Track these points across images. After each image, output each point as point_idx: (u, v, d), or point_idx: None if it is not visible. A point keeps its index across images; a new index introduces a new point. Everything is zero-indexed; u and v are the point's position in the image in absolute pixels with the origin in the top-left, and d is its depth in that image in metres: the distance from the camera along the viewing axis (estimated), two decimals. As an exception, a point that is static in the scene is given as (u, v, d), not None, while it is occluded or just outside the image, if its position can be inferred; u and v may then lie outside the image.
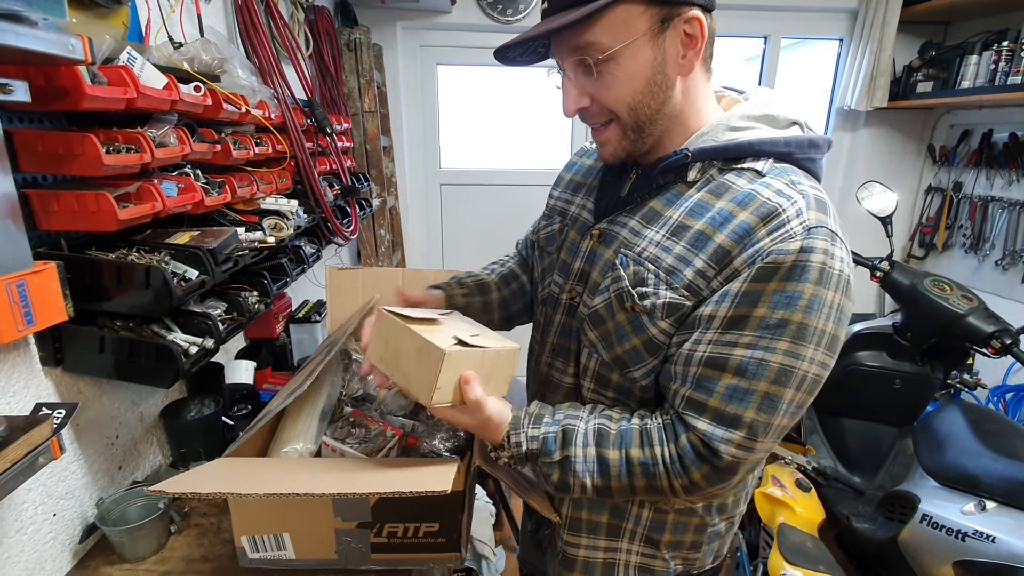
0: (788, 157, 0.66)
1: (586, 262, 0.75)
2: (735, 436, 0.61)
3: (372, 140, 2.22)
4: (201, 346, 0.86)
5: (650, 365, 0.68)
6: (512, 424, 0.69)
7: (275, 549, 0.79)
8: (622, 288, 0.68)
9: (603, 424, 0.68)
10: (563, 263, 0.80)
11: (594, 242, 0.74)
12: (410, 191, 2.77)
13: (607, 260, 0.71)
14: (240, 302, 1.00)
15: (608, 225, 0.73)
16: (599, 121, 0.69)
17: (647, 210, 0.69)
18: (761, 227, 0.60)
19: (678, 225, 0.66)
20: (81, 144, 0.75)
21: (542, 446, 0.67)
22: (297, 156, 1.38)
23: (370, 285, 1.17)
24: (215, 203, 0.99)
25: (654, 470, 0.65)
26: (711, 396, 0.62)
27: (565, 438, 0.67)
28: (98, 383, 0.89)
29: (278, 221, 1.15)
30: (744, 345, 0.60)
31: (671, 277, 0.64)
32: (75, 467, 0.84)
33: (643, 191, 0.71)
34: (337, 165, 1.70)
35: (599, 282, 0.71)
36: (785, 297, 0.59)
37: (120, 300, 0.79)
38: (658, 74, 0.64)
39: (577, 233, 0.79)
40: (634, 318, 0.67)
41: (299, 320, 1.47)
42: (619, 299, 0.68)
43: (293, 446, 0.83)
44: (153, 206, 0.83)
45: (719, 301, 0.62)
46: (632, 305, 0.66)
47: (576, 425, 0.68)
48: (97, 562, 0.84)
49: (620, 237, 0.70)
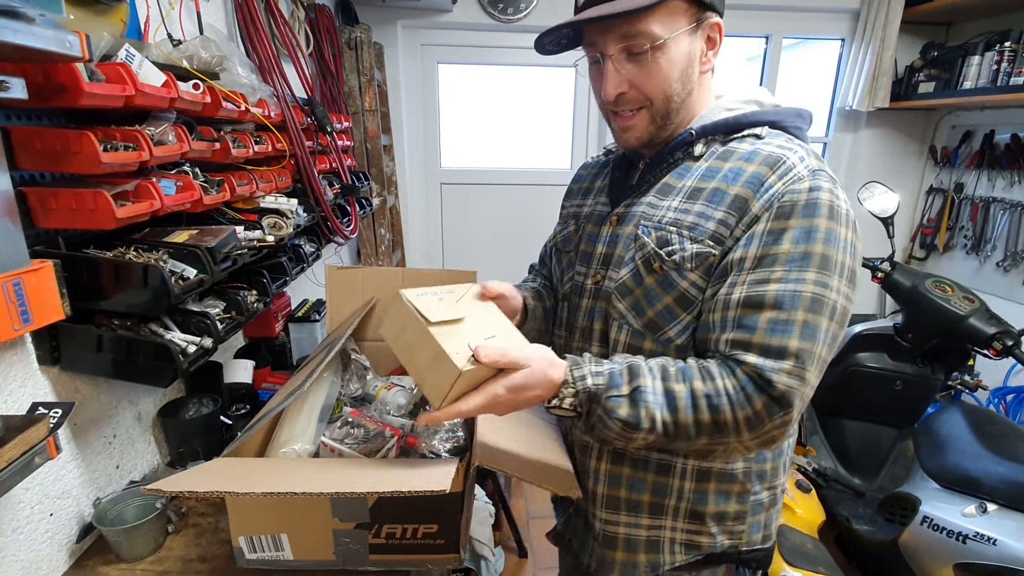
0: (779, 124, 0.75)
1: (608, 245, 0.80)
2: (785, 365, 0.63)
3: (372, 139, 2.21)
4: (199, 345, 0.85)
5: (684, 321, 0.72)
6: (572, 361, 0.69)
7: (273, 550, 0.79)
8: (648, 252, 0.73)
9: (664, 362, 0.69)
10: (584, 254, 0.85)
11: (613, 226, 0.80)
12: (410, 190, 2.76)
13: (628, 235, 0.76)
14: (239, 301, 1.00)
15: (625, 208, 0.79)
16: (632, 107, 0.74)
17: (661, 186, 0.77)
18: (771, 174, 0.68)
19: (693, 189, 0.73)
20: (79, 142, 0.75)
21: (608, 380, 0.67)
22: (297, 154, 1.37)
23: (370, 284, 1.17)
24: (214, 202, 0.98)
25: (717, 402, 0.65)
26: (754, 333, 0.65)
27: (632, 371, 0.68)
28: (96, 382, 0.88)
29: (277, 220, 1.15)
30: (776, 280, 0.65)
31: (694, 232, 0.70)
32: (72, 466, 0.84)
33: (654, 173, 0.78)
34: (337, 164, 1.70)
35: (623, 256, 0.77)
36: (804, 232, 0.65)
37: (118, 299, 0.79)
38: (690, 67, 0.73)
39: (595, 224, 0.84)
40: (663, 277, 0.72)
41: (298, 319, 1.46)
42: (646, 263, 0.73)
43: (291, 446, 0.83)
44: (151, 204, 0.82)
45: (746, 244, 0.67)
46: (660, 264, 0.71)
47: (638, 361, 0.69)
48: (94, 562, 0.84)
49: (638, 213, 0.76)
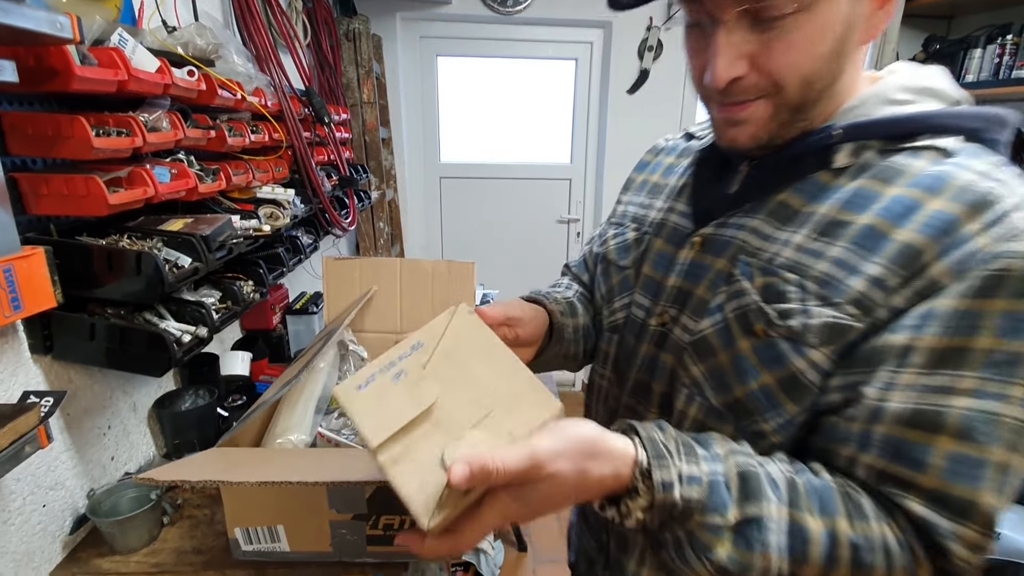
0: (977, 135, 0.49)
1: (685, 277, 0.58)
2: (969, 530, 0.41)
3: (371, 131, 2.20)
4: (194, 335, 0.84)
5: (788, 415, 0.49)
6: (652, 450, 0.44)
7: (269, 541, 0.78)
8: (747, 305, 0.50)
9: (785, 469, 0.46)
10: (647, 280, 0.63)
11: (695, 252, 0.58)
12: (409, 184, 2.75)
13: (718, 272, 0.54)
14: (235, 291, 0.99)
15: (716, 230, 0.56)
16: (749, 96, 0.50)
17: (775, 206, 0.53)
18: (971, 219, 0.43)
19: (830, 222, 0.49)
20: (71, 126, 0.73)
21: (707, 495, 0.43)
22: (294, 145, 1.36)
23: (368, 275, 1.16)
24: (209, 190, 0.97)
25: (870, 559, 0.43)
26: (924, 470, 0.43)
27: (745, 484, 0.44)
28: (89, 372, 0.87)
29: (274, 210, 1.13)
30: (966, 392, 0.42)
31: (826, 289, 0.46)
32: (65, 457, 0.83)
33: (764, 185, 0.54)
34: (335, 156, 1.68)
35: (707, 300, 0.54)
36: (1018, 322, 0.42)
37: (111, 287, 0.78)
38: (847, 36, 0.48)
39: (667, 242, 0.62)
40: (766, 346, 0.49)
41: (296, 311, 1.45)
42: (742, 320, 0.50)
43: (288, 437, 0.82)
44: (145, 191, 0.81)
45: (918, 325, 0.44)
46: (765, 327, 0.49)
47: (753, 464, 0.45)
48: (88, 554, 0.83)
49: (736, 242, 0.54)
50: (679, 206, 0.64)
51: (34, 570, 0.77)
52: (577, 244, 3.00)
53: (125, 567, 0.81)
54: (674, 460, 0.43)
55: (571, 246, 3.01)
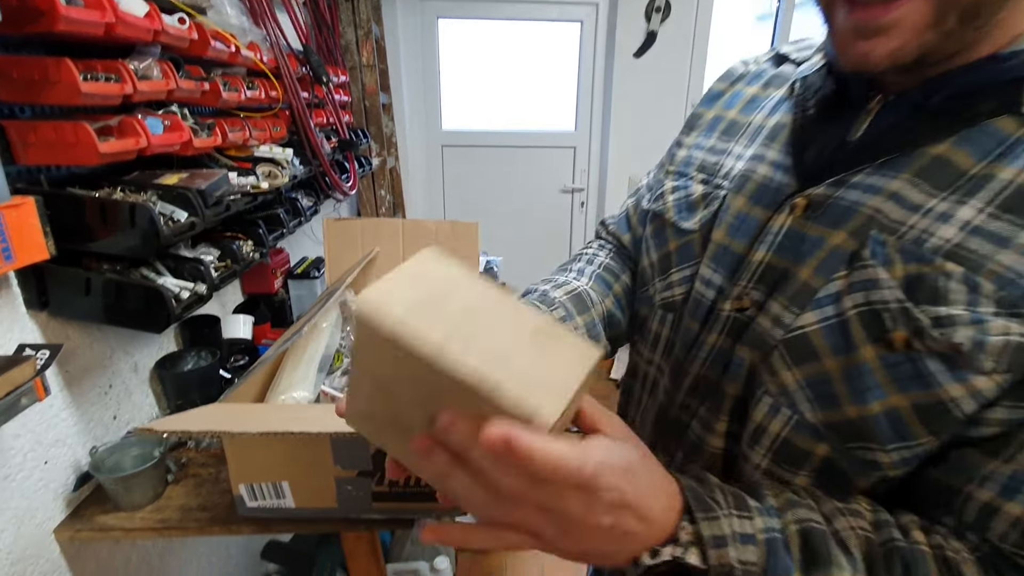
0: None
1: (780, 252, 0.45)
2: None
3: (371, 96, 2.14)
4: (193, 291, 0.82)
5: (919, 448, 0.37)
6: (694, 497, 0.35)
7: (274, 497, 0.77)
8: (881, 302, 0.37)
9: (860, 526, 0.37)
10: (721, 250, 0.49)
11: (797, 217, 0.44)
12: (411, 152, 2.70)
13: (836, 249, 0.41)
14: (234, 250, 0.96)
15: (833, 191, 0.42)
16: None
17: (927, 163, 0.38)
18: None
19: (1018, 192, 0.35)
20: (57, 69, 0.70)
21: (764, 557, 0.34)
22: (292, 104, 1.32)
23: (369, 236, 1.14)
24: (204, 145, 0.94)
25: None
26: None
27: (808, 545, 0.35)
28: (88, 330, 0.85)
29: (272, 169, 1.10)
30: None
31: (1012, 291, 0.34)
32: (66, 415, 0.82)
33: (908, 130, 0.40)
34: (334, 118, 1.64)
35: (813, 286, 0.41)
36: None
37: (105, 241, 0.75)
38: None
39: (754, 202, 0.48)
40: (906, 361, 0.36)
41: (298, 276, 1.43)
42: (870, 322, 0.38)
43: (291, 394, 0.81)
44: (137, 142, 0.78)
45: None
46: (908, 337, 0.36)
47: (815, 521, 0.36)
48: (92, 511, 0.82)
49: (865, 211, 0.40)
50: (771, 154, 0.48)
51: (37, 526, 0.77)
52: (581, 214, 2.96)
53: (130, 523, 0.81)
54: (725, 515, 0.35)
55: (575, 216, 2.97)
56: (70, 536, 0.79)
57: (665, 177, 0.59)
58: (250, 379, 0.77)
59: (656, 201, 0.59)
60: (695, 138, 0.59)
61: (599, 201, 2.92)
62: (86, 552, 0.86)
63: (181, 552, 1.12)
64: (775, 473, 0.44)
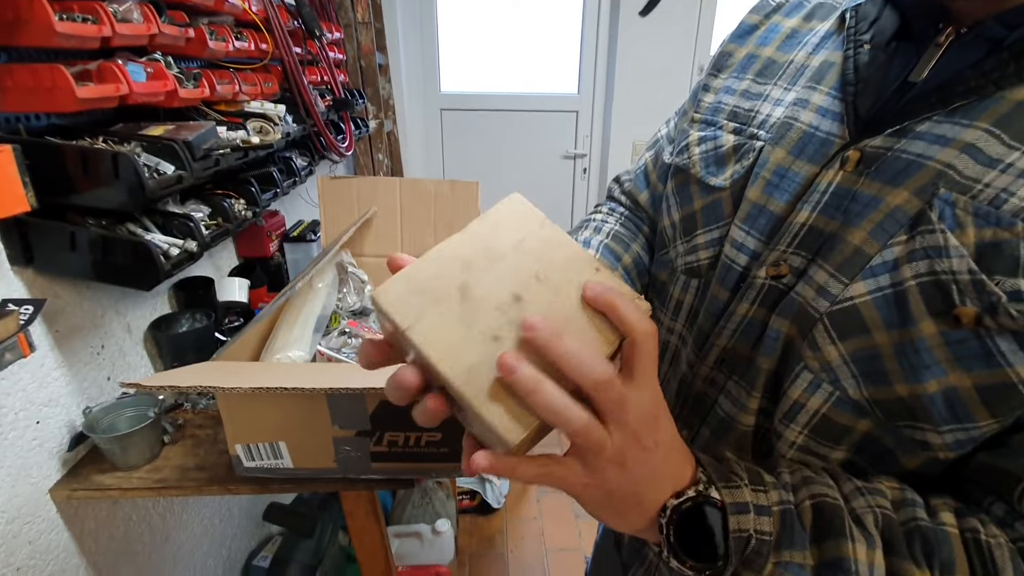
0: None
1: (827, 213, 0.40)
2: None
3: (367, 55, 2.07)
4: (183, 248, 0.80)
5: (978, 431, 0.34)
6: (715, 471, 0.35)
7: (272, 458, 0.76)
8: (949, 272, 0.33)
9: (880, 504, 0.34)
10: (756, 210, 0.44)
11: (848, 173, 0.39)
12: (408, 116, 2.63)
13: (895, 210, 0.36)
14: (225, 208, 0.93)
15: (893, 141, 0.37)
16: None
17: (1010, 110, 0.33)
18: None
19: None
20: (30, 7, 0.65)
21: (778, 528, 0.33)
22: (283, 59, 1.26)
23: (366, 195, 1.10)
24: (191, 96, 0.89)
25: None
26: None
27: (822, 518, 0.34)
28: (77, 288, 0.83)
29: (264, 124, 1.06)
30: None
31: None
32: (58, 374, 0.80)
33: (986, 71, 0.34)
34: (329, 77, 1.58)
35: (867, 252, 0.37)
36: None
37: (89, 193, 0.72)
38: None
39: (796, 155, 0.42)
40: (972, 338, 0.33)
41: (294, 239, 1.40)
42: (931, 292, 0.34)
43: (286, 353, 0.79)
44: (117, 88, 0.74)
45: None
46: (979, 312, 0.32)
47: (830, 496, 0.35)
48: (89, 470, 0.82)
49: (932, 165, 0.35)
50: (817, 98, 0.42)
51: (32, 485, 0.76)
52: (583, 181, 2.91)
53: (127, 483, 0.80)
54: (744, 482, 0.34)
55: (577, 184, 2.91)
56: (67, 495, 0.79)
57: (690, 126, 0.52)
58: (244, 338, 0.75)
59: (680, 154, 0.52)
60: (724, 80, 0.51)
61: (601, 168, 2.86)
62: (84, 511, 0.85)
63: (182, 513, 1.12)
64: (811, 448, 0.42)
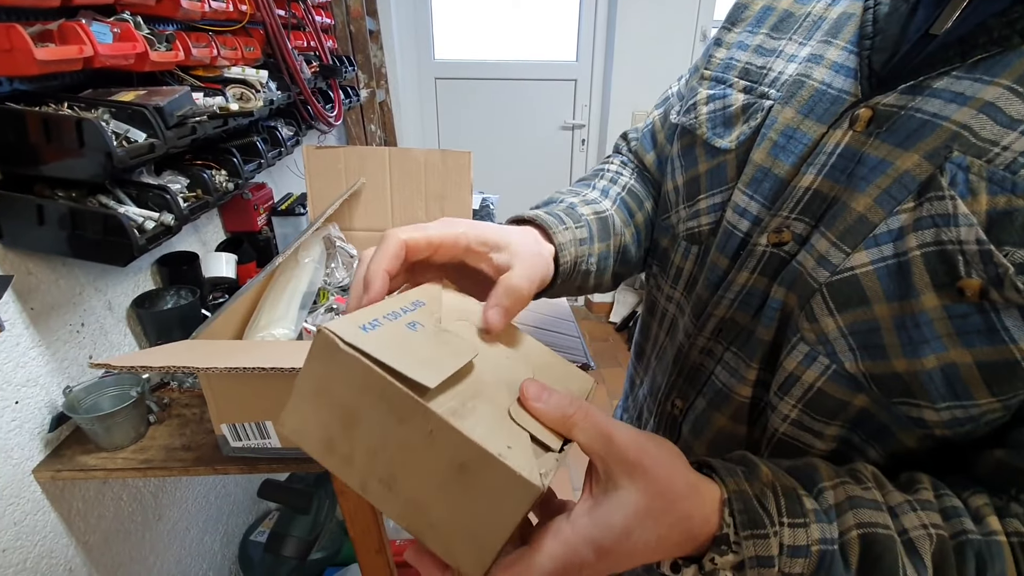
0: None
1: (832, 176, 0.37)
2: None
3: (356, 20, 1.99)
4: (159, 221, 0.76)
5: (977, 409, 0.32)
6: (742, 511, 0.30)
7: (258, 437, 0.74)
8: (956, 242, 0.30)
9: (933, 523, 0.31)
10: (761, 173, 0.41)
11: (857, 133, 0.36)
12: (402, 85, 2.55)
13: (904, 174, 0.33)
14: (205, 179, 0.89)
15: (907, 99, 0.34)
16: None
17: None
18: None
19: None
20: (-25, -40, 0.61)
21: (814, 568, 0.30)
22: (265, 21, 1.20)
23: (354, 166, 1.06)
24: (164, 60, 0.84)
25: None
26: None
27: (871, 554, 0.30)
28: (51, 265, 0.80)
29: (244, 91, 1.01)
30: None
31: None
32: (35, 353, 0.78)
33: (1013, 21, 0.31)
34: (316, 42, 1.51)
35: (870, 219, 0.34)
36: None
37: (55, 164, 0.68)
38: None
39: (805, 114, 0.39)
40: (975, 311, 0.31)
41: (282, 213, 1.36)
42: (938, 264, 0.31)
43: (271, 331, 0.76)
44: (81, 49, 0.69)
45: None
46: (985, 285, 0.30)
47: (881, 525, 0.31)
48: (73, 451, 0.80)
49: (947, 126, 0.32)
50: (832, 53, 0.39)
51: (14, 466, 0.74)
52: (582, 153, 2.84)
53: (112, 463, 0.78)
54: (774, 523, 0.30)
55: (575, 155, 2.85)
56: (51, 476, 0.77)
57: (699, 84, 0.49)
58: (225, 315, 0.72)
59: (687, 114, 0.49)
60: (738, 35, 0.48)
61: (600, 139, 2.79)
62: (71, 491, 0.84)
63: (175, 491, 1.11)
64: (805, 423, 0.40)
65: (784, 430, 0.41)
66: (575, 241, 0.44)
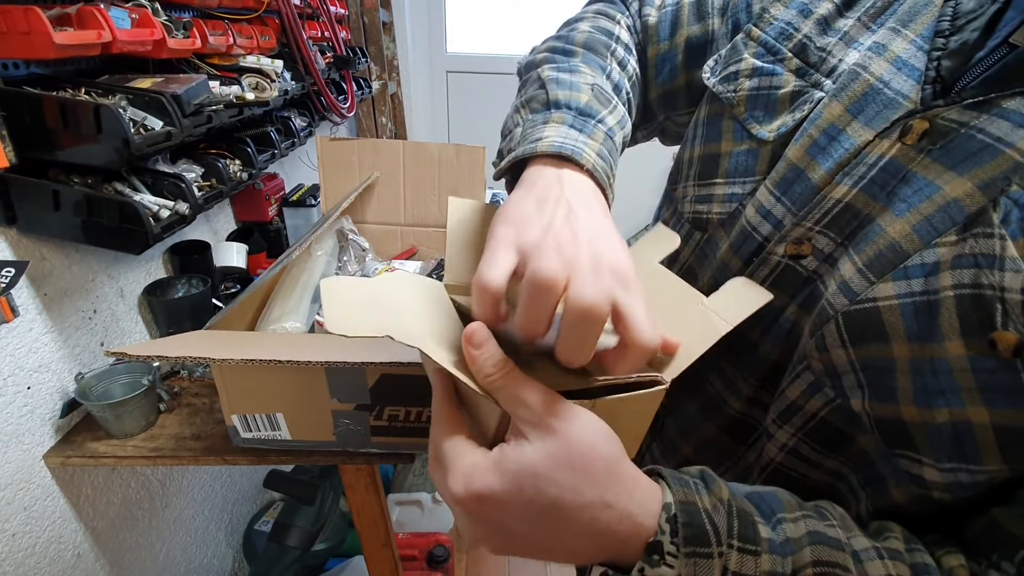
0: None
1: (869, 191, 0.33)
2: None
3: (370, 11, 1.97)
4: (173, 210, 0.76)
5: (984, 474, 0.28)
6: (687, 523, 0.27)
7: (269, 429, 0.74)
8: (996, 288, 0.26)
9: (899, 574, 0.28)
10: (793, 172, 0.37)
11: (907, 147, 0.32)
12: (413, 77, 2.54)
13: (950, 202, 0.29)
14: (219, 168, 0.89)
15: (969, 114, 0.30)
16: None
17: None
18: None
19: None
20: (-4, -58, 0.60)
21: None
22: (281, 10, 1.19)
23: (367, 158, 1.05)
24: (181, 47, 0.84)
25: None
26: None
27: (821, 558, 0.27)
28: (65, 251, 0.79)
29: (260, 80, 1.00)
30: None
31: None
32: (47, 339, 0.78)
33: None
34: (330, 32, 1.50)
35: (904, 248, 0.31)
36: None
37: (71, 149, 0.68)
38: None
39: (851, 112, 0.34)
40: (998, 368, 0.27)
41: (293, 204, 1.35)
42: (968, 308, 0.28)
43: (282, 324, 0.76)
44: (99, 35, 0.68)
45: None
46: (1020, 340, 0.26)
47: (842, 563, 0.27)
48: (83, 437, 0.80)
49: (1009, 153, 0.28)
50: (900, 45, 0.34)
51: (25, 451, 0.74)
52: (592, 150, 2.82)
53: (122, 451, 0.78)
54: (721, 543, 0.26)
55: (586, 152, 2.83)
56: (61, 462, 0.77)
57: (745, 44, 0.41)
58: (238, 306, 0.72)
59: (725, 82, 0.41)
60: None
61: None
62: (80, 478, 0.84)
63: (182, 479, 1.12)
64: (802, 453, 0.37)
65: (780, 459, 0.38)
66: (614, 178, 0.39)
